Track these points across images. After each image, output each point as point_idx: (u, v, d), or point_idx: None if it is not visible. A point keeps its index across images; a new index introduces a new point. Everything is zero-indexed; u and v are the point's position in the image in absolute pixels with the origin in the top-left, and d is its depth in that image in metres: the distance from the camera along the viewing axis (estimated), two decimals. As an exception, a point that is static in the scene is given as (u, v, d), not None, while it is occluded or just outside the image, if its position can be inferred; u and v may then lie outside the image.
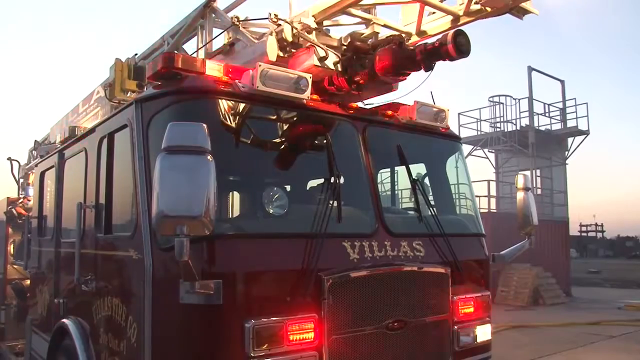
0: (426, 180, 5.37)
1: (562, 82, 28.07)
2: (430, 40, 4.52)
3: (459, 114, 27.48)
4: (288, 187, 5.02)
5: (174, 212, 3.10)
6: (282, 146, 4.65)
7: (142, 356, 3.89)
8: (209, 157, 3.19)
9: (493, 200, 24.17)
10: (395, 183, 5.84)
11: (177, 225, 3.12)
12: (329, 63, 4.71)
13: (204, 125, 3.26)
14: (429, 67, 4.36)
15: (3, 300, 8.88)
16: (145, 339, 3.86)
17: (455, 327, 4.87)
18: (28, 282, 7.80)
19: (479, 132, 27.97)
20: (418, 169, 5.41)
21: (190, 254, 3.20)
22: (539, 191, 25.46)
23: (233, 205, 5.43)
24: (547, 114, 27.66)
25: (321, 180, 4.48)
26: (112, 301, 4.56)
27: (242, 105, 4.25)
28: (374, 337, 4.23)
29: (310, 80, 4.38)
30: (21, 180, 11.63)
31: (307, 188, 5.29)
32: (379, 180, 5.31)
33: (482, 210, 17.96)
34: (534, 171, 25.05)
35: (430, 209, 5.04)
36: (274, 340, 3.70)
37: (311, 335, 3.87)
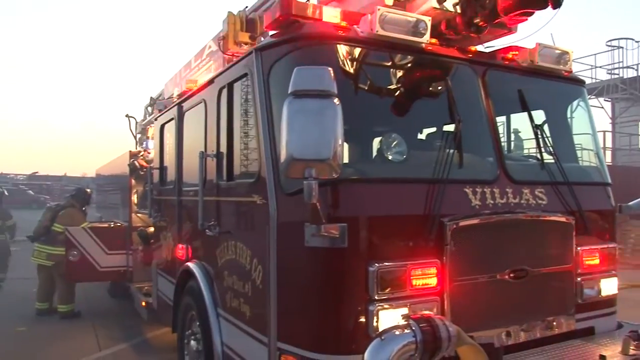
0: (547, 126, 5.12)
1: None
2: (559, -26, 4.20)
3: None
4: (407, 133, 4.96)
5: (303, 155, 3.14)
6: (402, 91, 4.56)
7: (268, 297, 4.04)
8: (335, 101, 3.19)
9: (608, 153, 22.77)
10: (516, 129, 5.61)
11: (306, 168, 3.17)
12: (448, 5, 4.51)
13: (330, 68, 3.25)
14: (557, 4, 4.07)
15: (130, 246, 9.59)
16: (271, 281, 4.00)
17: (579, 279, 4.70)
18: (151, 229, 8.34)
19: (594, 80, 26.22)
20: (539, 114, 5.15)
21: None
22: (660, 143, 23.68)
23: (352, 151, 5.44)
24: (673, 58, 25.42)
25: (440, 126, 4.38)
26: (237, 245, 4.77)
27: (361, 51, 4.20)
28: (495, 285, 4.16)
29: (429, 24, 4.23)
30: (138, 136, 12.36)
31: (426, 134, 5.20)
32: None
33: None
34: (655, 121, 23.29)
35: (553, 156, 4.81)
36: (397, 284, 3.73)
37: (433, 280, 3.86)
